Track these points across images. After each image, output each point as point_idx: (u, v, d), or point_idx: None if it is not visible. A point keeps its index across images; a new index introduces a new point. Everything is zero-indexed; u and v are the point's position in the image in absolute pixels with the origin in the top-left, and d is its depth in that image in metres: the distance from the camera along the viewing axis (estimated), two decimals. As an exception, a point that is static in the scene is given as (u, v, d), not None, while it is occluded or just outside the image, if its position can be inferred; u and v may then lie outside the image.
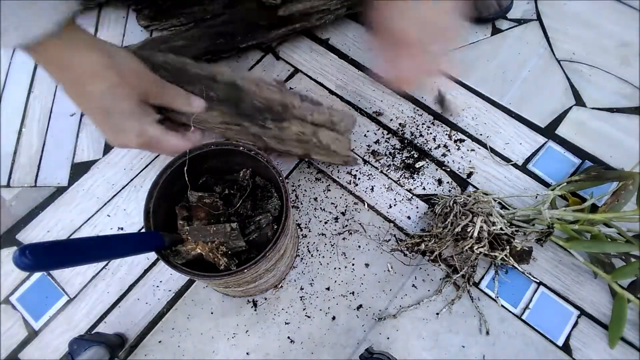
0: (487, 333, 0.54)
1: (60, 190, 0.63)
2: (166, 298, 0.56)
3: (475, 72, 0.70)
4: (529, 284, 0.56)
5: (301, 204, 0.61)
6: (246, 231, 0.45)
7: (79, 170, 0.64)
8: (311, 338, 0.54)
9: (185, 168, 0.42)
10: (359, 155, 0.64)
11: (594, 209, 0.57)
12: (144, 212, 0.40)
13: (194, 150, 0.43)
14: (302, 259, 0.58)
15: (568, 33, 0.73)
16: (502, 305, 0.55)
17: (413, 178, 0.62)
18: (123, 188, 0.63)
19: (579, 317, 0.54)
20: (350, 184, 0.62)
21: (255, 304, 0.55)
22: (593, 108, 0.67)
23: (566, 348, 0.53)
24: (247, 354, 0.53)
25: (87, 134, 0.67)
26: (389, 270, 0.57)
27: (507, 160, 0.64)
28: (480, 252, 0.52)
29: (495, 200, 0.56)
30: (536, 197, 0.60)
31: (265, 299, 0.56)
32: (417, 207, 0.61)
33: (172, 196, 0.45)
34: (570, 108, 0.67)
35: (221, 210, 0.45)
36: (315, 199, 0.61)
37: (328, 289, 0.56)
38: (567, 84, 0.69)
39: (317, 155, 0.58)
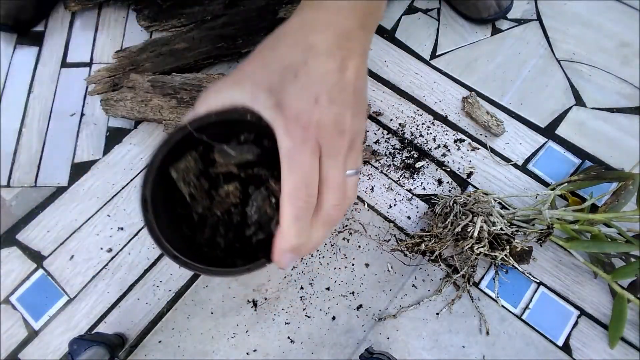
0: (487, 333, 0.54)
1: (60, 190, 0.63)
2: (166, 298, 0.56)
3: (475, 72, 0.70)
4: (529, 284, 0.56)
5: (301, 204, 0.61)
6: (248, 209, 0.37)
7: (79, 170, 0.64)
8: (311, 338, 0.54)
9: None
10: (374, 150, 0.63)
11: (593, 209, 0.57)
12: (140, 201, 0.33)
13: (194, 122, 0.34)
14: (302, 259, 0.58)
15: (568, 33, 0.73)
16: (502, 305, 0.55)
17: (413, 178, 0.62)
18: (123, 188, 0.63)
19: (579, 317, 0.54)
20: (350, 184, 0.62)
21: (255, 304, 0.56)
22: (593, 108, 0.67)
23: (566, 348, 0.53)
24: (247, 354, 0.53)
25: (87, 134, 0.67)
26: (389, 270, 0.57)
27: (507, 160, 0.64)
28: (480, 252, 0.52)
29: (495, 200, 0.56)
30: (536, 197, 0.60)
31: (265, 299, 0.56)
32: (417, 207, 0.61)
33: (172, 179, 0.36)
34: (570, 108, 0.67)
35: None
36: (315, 199, 0.61)
37: (328, 289, 0.56)
38: (567, 84, 0.69)
39: None
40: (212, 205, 0.35)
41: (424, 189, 0.62)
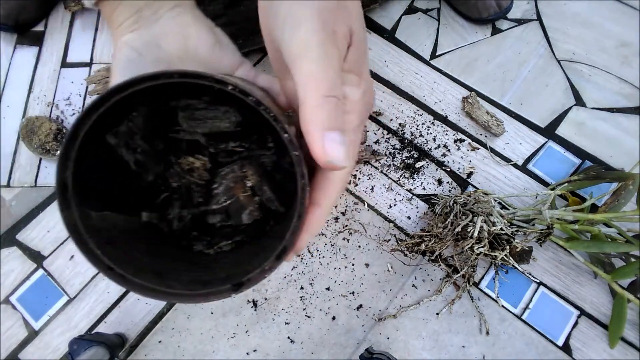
0: (487, 333, 0.54)
1: (60, 190, 0.63)
2: (166, 298, 0.56)
3: (475, 72, 0.70)
4: (529, 284, 0.56)
5: (301, 204, 0.61)
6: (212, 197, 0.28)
7: (79, 170, 0.64)
8: (311, 338, 0.54)
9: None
10: (372, 150, 0.64)
11: (593, 209, 0.57)
12: (57, 188, 0.21)
13: (146, 79, 0.21)
14: (302, 259, 0.58)
15: (568, 33, 0.73)
16: (502, 305, 0.55)
17: (413, 178, 0.62)
18: (123, 188, 0.63)
19: (579, 317, 0.54)
20: (350, 184, 0.62)
21: (255, 304, 0.56)
22: (593, 108, 0.67)
23: (566, 348, 0.53)
24: (247, 354, 0.53)
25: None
26: (389, 270, 0.57)
27: (507, 160, 0.64)
28: (481, 252, 0.52)
29: (495, 200, 0.56)
30: (536, 197, 0.60)
31: (265, 299, 0.56)
32: (417, 207, 0.61)
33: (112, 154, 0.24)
34: (570, 108, 0.67)
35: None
36: (315, 199, 0.61)
37: (328, 289, 0.56)
38: (567, 84, 0.69)
39: None
40: (168, 174, 0.26)
41: (424, 189, 0.62)
